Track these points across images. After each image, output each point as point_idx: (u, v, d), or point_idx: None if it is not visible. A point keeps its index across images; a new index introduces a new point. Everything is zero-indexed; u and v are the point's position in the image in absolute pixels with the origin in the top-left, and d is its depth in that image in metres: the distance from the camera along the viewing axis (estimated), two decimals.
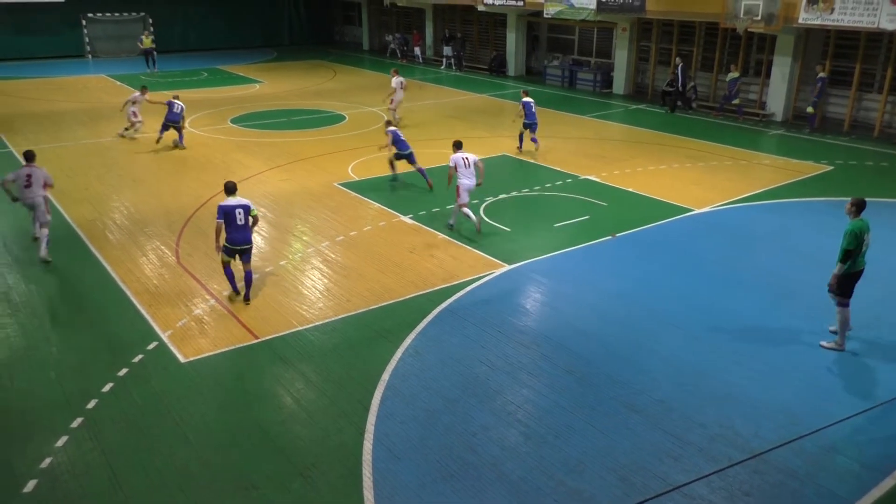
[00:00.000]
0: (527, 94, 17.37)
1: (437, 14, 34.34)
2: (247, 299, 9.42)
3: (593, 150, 17.53)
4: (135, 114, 18.63)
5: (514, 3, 27.62)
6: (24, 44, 33.15)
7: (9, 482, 6.12)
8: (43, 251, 10.64)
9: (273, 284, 9.97)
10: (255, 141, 18.46)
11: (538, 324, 8.97)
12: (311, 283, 10.07)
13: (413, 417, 7.02)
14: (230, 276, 9.51)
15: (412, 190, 14.42)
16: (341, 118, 21.30)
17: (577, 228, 12.20)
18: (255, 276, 10.00)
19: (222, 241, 9.26)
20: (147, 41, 31.32)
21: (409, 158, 14.45)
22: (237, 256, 9.33)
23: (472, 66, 32.27)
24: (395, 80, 20.31)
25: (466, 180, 11.83)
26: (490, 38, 32.38)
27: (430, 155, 16.88)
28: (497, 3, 28.31)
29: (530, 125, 17.03)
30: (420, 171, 14.42)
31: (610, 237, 11.79)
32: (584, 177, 15.13)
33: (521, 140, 17.34)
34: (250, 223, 9.29)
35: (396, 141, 14.39)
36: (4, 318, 9.03)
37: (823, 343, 8.44)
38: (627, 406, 7.23)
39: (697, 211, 13.12)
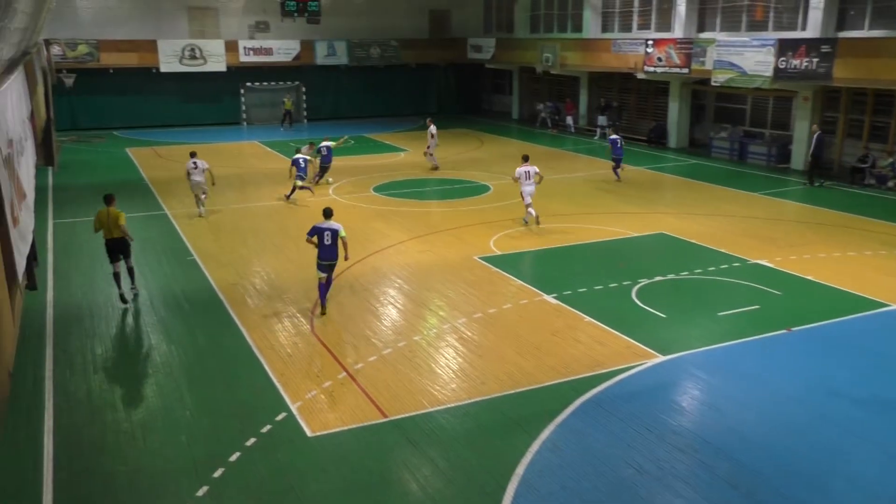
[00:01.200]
0: (615, 132, 23.25)
1: (593, 82, 34.74)
2: (323, 307, 11.95)
3: (765, 232, 16.69)
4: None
5: (677, 70, 27.42)
6: (188, 111, 37.07)
7: None
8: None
9: (405, 360, 10.15)
10: (396, 210, 19.24)
11: (696, 425, 8.45)
12: (444, 361, 10.15)
13: None
14: (322, 293, 11.96)
15: (557, 267, 14.34)
16: (485, 189, 21.78)
17: (744, 318, 11.54)
18: (382, 353, 10.24)
19: (315, 258, 11.93)
20: (287, 103, 36.54)
21: None
22: (325, 269, 11.94)
23: (629, 136, 32.08)
24: (431, 128, 24.92)
25: (527, 187, 17.01)
26: (649, 107, 32.22)
27: (588, 231, 16.82)
28: (659, 70, 28.24)
29: (617, 159, 22.19)
30: None
31: (785, 331, 11.03)
32: (753, 261, 14.39)
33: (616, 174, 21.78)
34: (339, 244, 11.78)
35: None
36: (145, 376, 9.79)
37: None
38: None
39: (893, 307, 12.03)
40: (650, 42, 28.41)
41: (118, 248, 12.34)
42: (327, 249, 11.79)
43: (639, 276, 13.46)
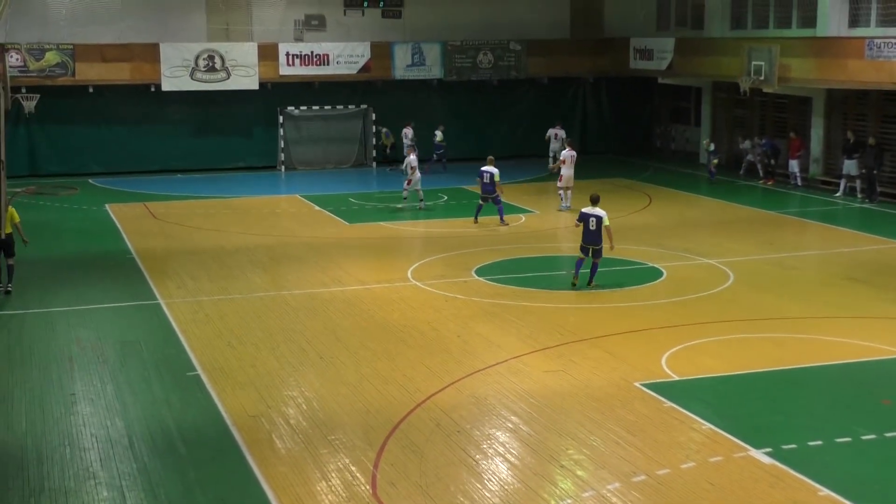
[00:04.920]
0: None
1: (833, 107, 34.30)
2: (575, 276, 20.08)
3: None
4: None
5: None
6: (200, 149, 38.56)
7: None
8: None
9: None
10: (511, 305, 19.30)
11: None
12: None
13: None
14: (578, 266, 20.01)
15: (772, 403, 13.96)
16: (656, 274, 21.60)
17: None
18: None
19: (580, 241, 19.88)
20: (386, 139, 39.27)
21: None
22: (589, 252, 20.02)
23: (893, 192, 31.37)
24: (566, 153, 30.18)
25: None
26: None
27: (826, 346, 16.40)
28: None
29: None
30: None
31: None
32: None
33: None
34: (598, 229, 19.75)
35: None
36: None
37: None
38: None
39: None
40: None
41: (4, 246, 19.61)
42: (591, 234, 19.88)
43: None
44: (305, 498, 11.20)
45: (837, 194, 32.02)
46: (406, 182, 30.25)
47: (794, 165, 34.40)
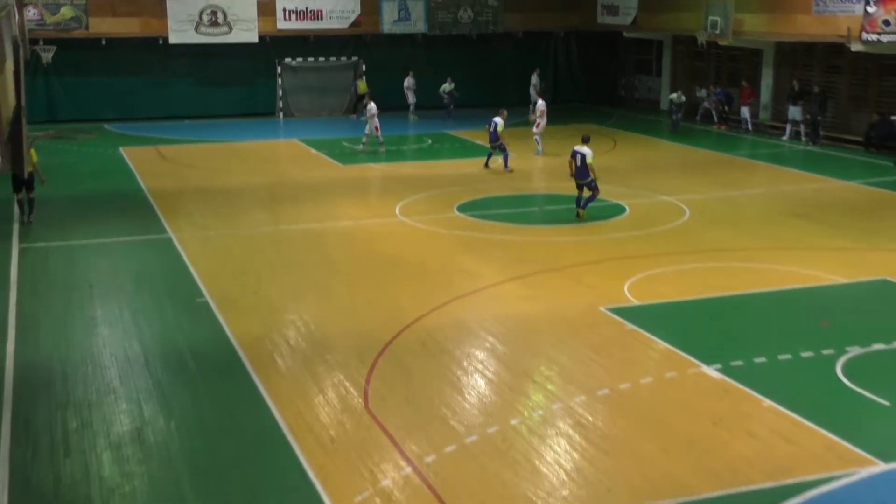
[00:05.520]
0: None
1: (782, 58, 34.28)
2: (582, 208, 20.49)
3: None
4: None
5: None
6: (205, 98, 38.43)
7: None
8: None
9: (496, 453, 10.13)
10: (488, 238, 19.36)
11: None
12: (552, 456, 10.10)
13: None
14: (577, 202, 20.26)
15: (723, 325, 14.12)
16: (619, 210, 21.66)
17: None
18: (464, 441, 10.29)
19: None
20: (362, 85, 37.59)
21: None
22: (582, 189, 20.25)
23: (836, 136, 31.41)
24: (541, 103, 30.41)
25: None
26: (870, 96, 31.43)
27: (772, 275, 16.53)
28: (885, 39, 27.45)
29: None
30: None
31: None
32: None
33: None
34: (584, 166, 19.74)
35: None
36: (134, 464, 10.08)
37: None
38: None
39: None
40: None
41: (26, 183, 20.09)
42: (578, 170, 20.01)
43: (848, 342, 13.09)
44: (305, 411, 11.32)
45: (784, 138, 32.08)
46: (368, 129, 30.28)
47: (745, 112, 34.43)
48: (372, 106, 30.27)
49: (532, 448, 10.31)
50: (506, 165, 26.85)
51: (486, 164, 27.25)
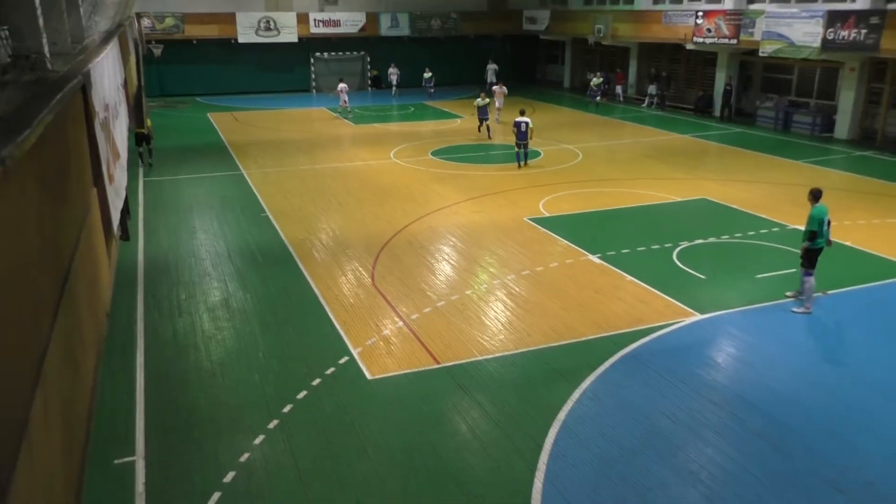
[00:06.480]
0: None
1: (643, 53, 33.76)
2: (519, 165, 19.36)
3: (804, 199, 16.03)
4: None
5: (726, 41, 26.40)
6: (263, 79, 37.38)
7: (214, 471, 6.80)
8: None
9: (457, 312, 10.24)
10: (453, 173, 19.20)
11: (729, 381, 8.34)
12: (493, 314, 10.21)
13: (586, 462, 6.81)
14: (517, 156, 19.28)
15: (603, 229, 14.18)
16: (536, 154, 21.52)
17: (781, 281, 11.25)
18: (436, 305, 10.35)
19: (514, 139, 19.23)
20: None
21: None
22: (521, 148, 19.14)
23: (676, 105, 31.22)
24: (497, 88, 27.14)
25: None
26: (697, 78, 31.16)
27: (633, 196, 16.57)
28: (707, 41, 27.22)
29: None
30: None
31: (821, 294, 10.72)
32: (792, 226, 13.96)
33: None
34: (527, 131, 18.90)
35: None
36: (223, 321, 10.12)
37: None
38: (829, 484, 6.47)
39: None
40: (700, 13, 27.36)
41: (146, 138, 19.49)
42: (522, 134, 18.95)
43: (680, 238, 13.22)
44: (332, 286, 11.33)
45: (643, 106, 31.78)
46: (340, 102, 29.39)
47: (619, 89, 33.85)
48: (343, 86, 29.24)
49: (480, 309, 10.42)
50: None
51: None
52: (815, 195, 10.23)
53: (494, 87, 27.97)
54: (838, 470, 6.67)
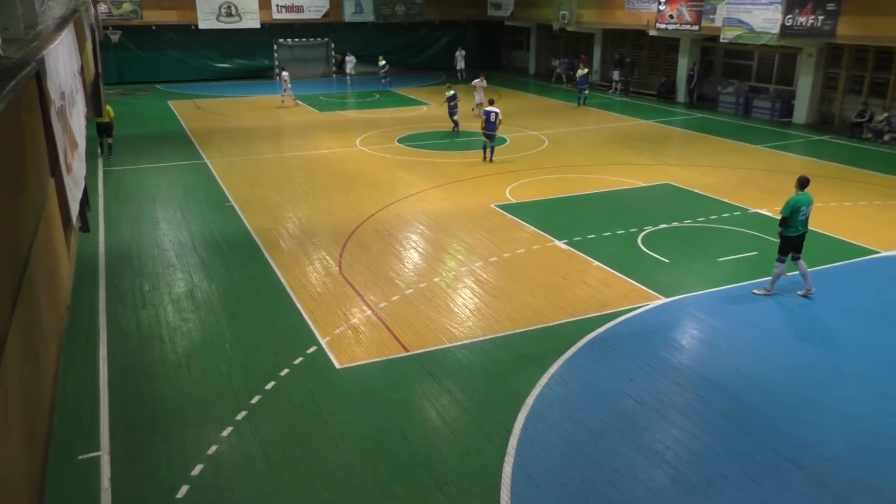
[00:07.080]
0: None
1: (607, 39, 33.94)
2: (485, 158, 18.52)
3: (765, 183, 16.45)
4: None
5: (688, 27, 26.70)
6: (224, 66, 36.74)
7: (181, 464, 6.73)
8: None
9: (425, 300, 10.25)
10: (419, 160, 19.14)
11: (694, 362, 8.51)
12: (461, 301, 10.24)
13: (555, 446, 6.90)
14: (484, 148, 18.52)
15: (569, 214, 14.28)
16: (503, 140, 21.54)
17: (743, 264, 11.48)
18: (404, 293, 10.34)
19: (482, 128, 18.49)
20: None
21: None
22: (489, 139, 18.31)
23: (640, 91, 31.50)
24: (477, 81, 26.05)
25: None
26: (660, 64, 31.47)
27: (598, 181, 16.70)
28: (670, 27, 27.49)
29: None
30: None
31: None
32: (753, 210, 14.24)
33: None
34: (496, 122, 18.01)
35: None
36: (188, 312, 9.99)
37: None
38: (790, 460, 6.65)
39: (884, 253, 11.89)
40: (663, 0, 27.58)
41: (106, 128, 18.99)
42: (490, 125, 18.07)
43: (644, 223, 13.39)
44: (300, 276, 11.24)
45: (609, 92, 32.03)
46: (283, 90, 28.59)
47: None
48: (285, 74, 28.90)
49: (448, 296, 10.44)
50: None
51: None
52: (801, 183, 10.07)
53: (475, 81, 26.55)
54: (799, 446, 6.86)
